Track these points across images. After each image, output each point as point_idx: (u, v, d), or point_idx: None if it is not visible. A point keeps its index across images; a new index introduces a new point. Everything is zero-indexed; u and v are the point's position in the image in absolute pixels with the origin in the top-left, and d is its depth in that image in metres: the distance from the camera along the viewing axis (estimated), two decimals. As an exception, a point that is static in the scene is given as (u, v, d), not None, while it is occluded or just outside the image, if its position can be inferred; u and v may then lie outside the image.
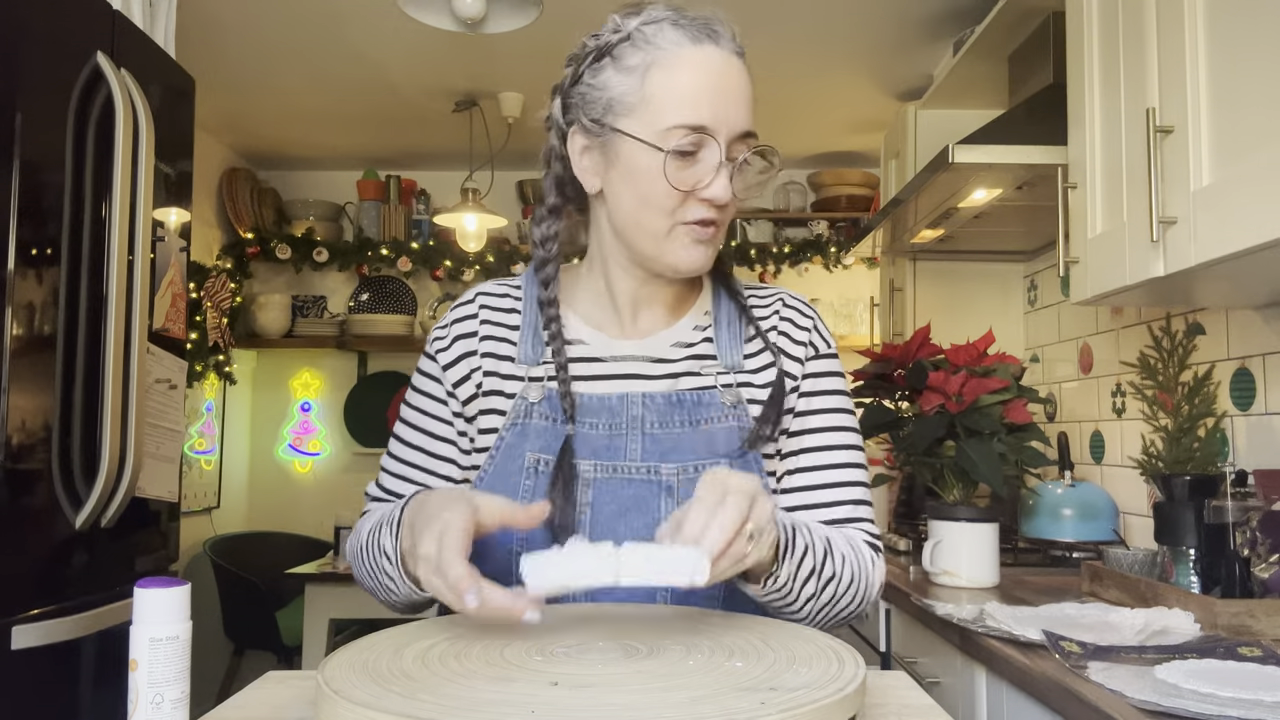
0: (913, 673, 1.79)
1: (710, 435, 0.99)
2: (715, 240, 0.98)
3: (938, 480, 1.93)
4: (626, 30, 0.96)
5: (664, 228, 0.96)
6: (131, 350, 1.91)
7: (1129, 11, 1.59)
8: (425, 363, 1.08)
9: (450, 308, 1.09)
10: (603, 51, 0.97)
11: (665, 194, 0.94)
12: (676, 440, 0.98)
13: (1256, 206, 1.23)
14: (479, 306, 1.07)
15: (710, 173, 0.94)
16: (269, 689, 0.83)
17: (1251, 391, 1.85)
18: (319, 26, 3.01)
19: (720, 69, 0.95)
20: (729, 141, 0.94)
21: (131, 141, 1.91)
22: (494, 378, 1.03)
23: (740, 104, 0.95)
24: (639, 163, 0.94)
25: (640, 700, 0.64)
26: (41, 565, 1.76)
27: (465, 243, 3.96)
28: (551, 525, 0.93)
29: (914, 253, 3.10)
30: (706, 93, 0.93)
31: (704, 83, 0.94)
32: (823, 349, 1.07)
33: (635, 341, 1.04)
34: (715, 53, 0.95)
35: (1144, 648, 1.26)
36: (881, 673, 0.88)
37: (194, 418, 3.95)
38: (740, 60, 0.97)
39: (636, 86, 0.94)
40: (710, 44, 0.95)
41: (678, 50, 0.94)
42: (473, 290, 1.09)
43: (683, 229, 0.96)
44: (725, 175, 0.94)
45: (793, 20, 2.93)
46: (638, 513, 0.95)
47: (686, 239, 0.96)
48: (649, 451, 0.98)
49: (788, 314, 1.07)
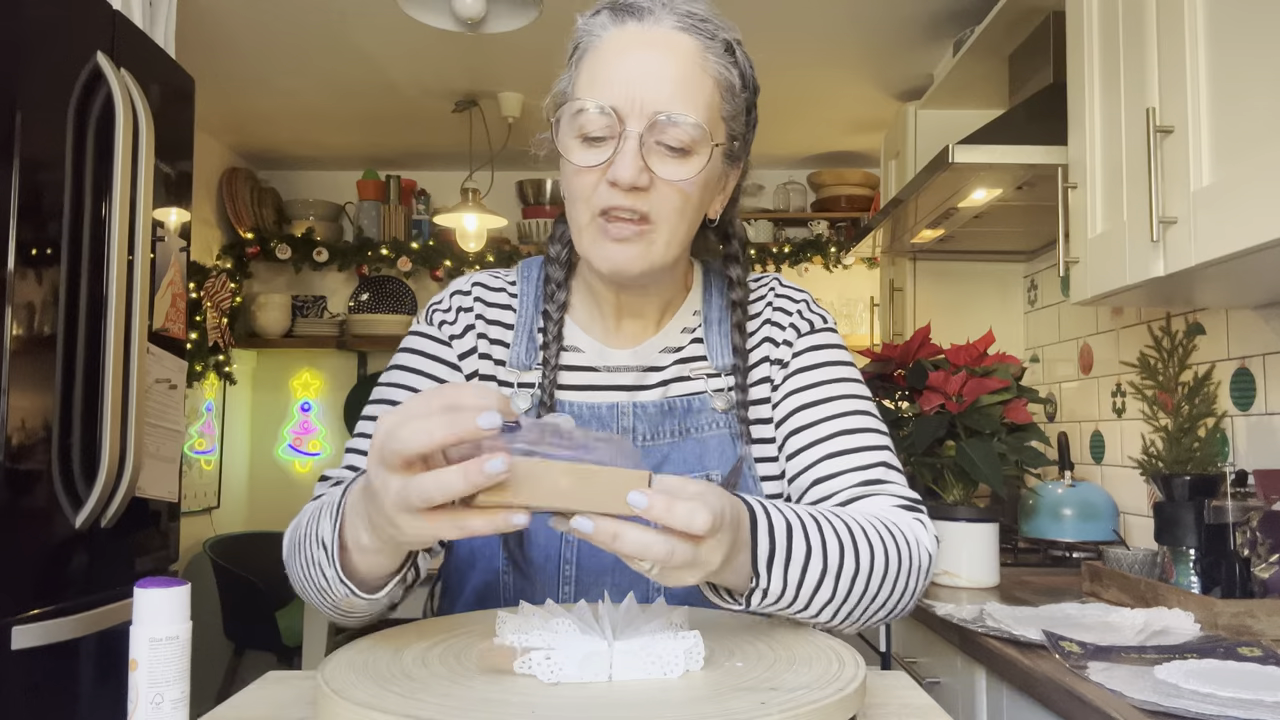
0: (913, 673, 1.79)
1: (702, 445, 0.96)
2: (646, 240, 0.89)
3: (938, 480, 1.93)
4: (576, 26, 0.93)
5: (584, 219, 0.90)
6: (131, 350, 1.91)
7: (1129, 11, 1.59)
8: (419, 338, 1.01)
9: (448, 290, 1.04)
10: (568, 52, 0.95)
11: (574, 176, 0.89)
12: (667, 453, 0.96)
13: (1256, 206, 1.22)
14: (474, 299, 1.02)
15: (618, 154, 0.86)
16: (269, 689, 0.83)
17: (1251, 391, 1.85)
18: (319, 26, 3.01)
19: (640, 45, 0.88)
20: (646, 121, 0.86)
21: (131, 141, 1.91)
22: (490, 382, 0.99)
23: (659, 80, 0.86)
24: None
25: (640, 700, 0.64)
26: (41, 565, 1.76)
27: (465, 243, 3.95)
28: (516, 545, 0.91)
29: (914, 253, 3.10)
30: (618, 71, 0.87)
31: (615, 61, 0.88)
32: (812, 326, 1.02)
33: (629, 351, 1.00)
34: (637, 29, 0.88)
35: (1144, 648, 1.26)
36: (881, 673, 0.87)
37: (194, 418, 3.95)
38: (685, 36, 0.88)
39: (572, 78, 0.91)
40: (633, 21, 0.89)
41: (602, 33, 0.90)
42: (468, 279, 1.04)
43: (596, 224, 0.89)
44: (629, 153, 0.85)
45: (793, 20, 2.93)
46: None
47: (599, 235, 0.89)
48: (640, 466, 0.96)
49: (779, 302, 1.03)
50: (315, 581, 0.80)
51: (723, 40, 0.91)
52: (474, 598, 0.97)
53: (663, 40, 0.88)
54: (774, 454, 0.99)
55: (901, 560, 0.85)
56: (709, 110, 0.89)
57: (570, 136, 0.89)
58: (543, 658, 0.67)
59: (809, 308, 1.03)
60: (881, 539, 0.84)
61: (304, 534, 0.82)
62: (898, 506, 0.92)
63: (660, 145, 0.87)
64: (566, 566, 0.94)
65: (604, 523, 0.65)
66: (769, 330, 1.02)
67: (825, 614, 0.82)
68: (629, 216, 0.88)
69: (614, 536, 0.65)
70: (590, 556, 0.94)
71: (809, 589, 0.79)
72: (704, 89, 0.88)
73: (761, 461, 0.99)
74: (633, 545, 0.65)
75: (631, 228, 0.88)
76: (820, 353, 1.01)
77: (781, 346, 1.01)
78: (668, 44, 0.88)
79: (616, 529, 0.65)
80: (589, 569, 0.94)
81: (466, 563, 0.98)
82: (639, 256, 0.89)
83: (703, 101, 0.88)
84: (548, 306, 1.00)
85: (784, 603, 0.79)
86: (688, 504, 0.65)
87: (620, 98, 0.86)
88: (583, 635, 0.70)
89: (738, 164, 0.98)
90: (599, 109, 0.86)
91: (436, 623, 0.85)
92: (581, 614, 0.73)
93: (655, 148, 0.87)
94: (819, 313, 1.04)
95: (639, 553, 0.65)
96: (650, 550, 0.65)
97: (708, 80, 0.89)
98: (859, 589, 0.82)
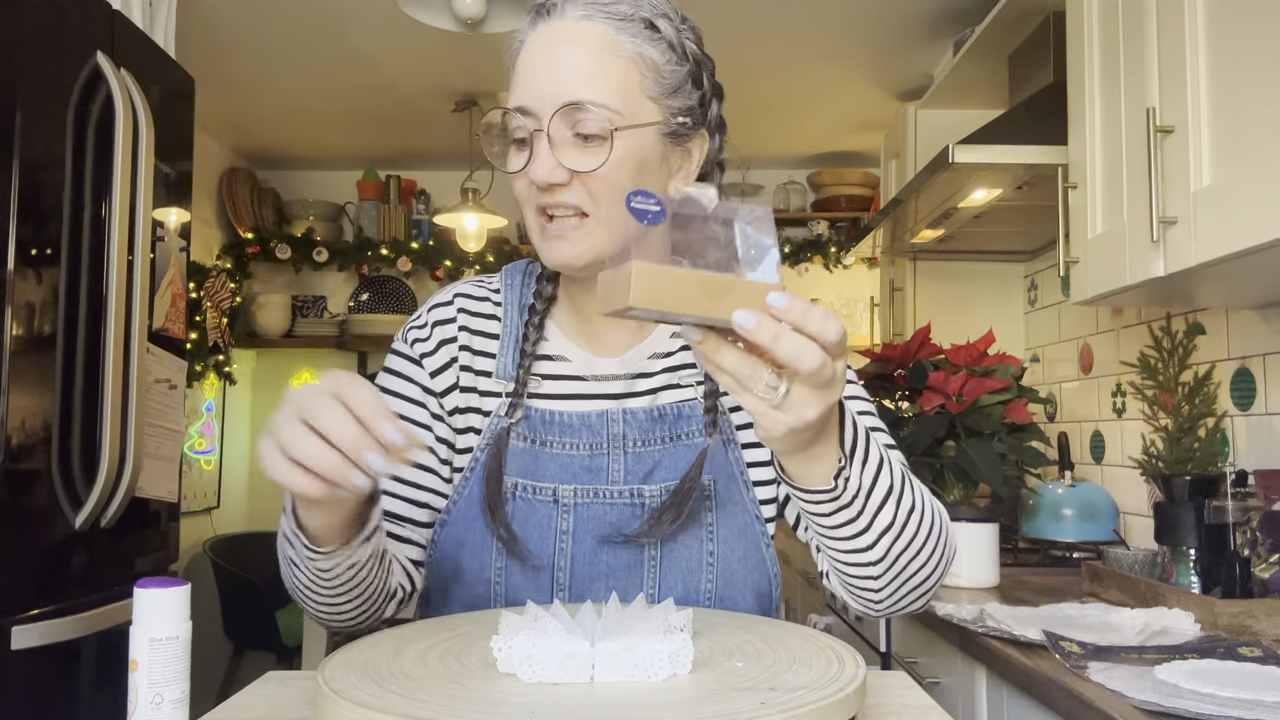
0: (913, 673, 1.79)
1: (692, 452, 0.95)
2: (583, 231, 0.89)
3: (938, 480, 1.93)
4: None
5: (530, 220, 0.91)
6: (131, 350, 1.91)
7: (1129, 11, 1.59)
8: (395, 357, 1.00)
9: (426, 304, 1.03)
10: None
11: (513, 182, 0.91)
12: (658, 459, 0.95)
13: (1256, 206, 1.22)
14: (457, 310, 1.00)
15: (533, 155, 0.87)
16: (269, 689, 0.83)
17: (1251, 391, 1.85)
18: (319, 26, 3.01)
19: (546, 42, 0.89)
20: (556, 115, 0.86)
21: (131, 141, 1.91)
22: (471, 394, 0.97)
23: (563, 72, 0.87)
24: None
25: (639, 700, 0.64)
26: (41, 565, 1.76)
27: (465, 243, 3.96)
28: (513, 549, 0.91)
29: (914, 253, 3.10)
30: (528, 72, 0.89)
31: (526, 63, 0.90)
32: None
33: (616, 360, 0.99)
34: (546, 27, 0.90)
35: (1144, 648, 1.26)
36: (881, 673, 0.87)
37: (194, 418, 3.95)
38: (589, 24, 0.88)
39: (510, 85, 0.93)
40: (544, 20, 0.90)
41: (523, 40, 0.91)
42: (449, 290, 1.03)
43: (539, 224, 0.90)
44: (542, 152, 0.86)
45: (793, 20, 2.93)
46: (620, 542, 0.92)
47: (542, 234, 0.90)
48: (631, 472, 0.94)
49: None
50: (285, 554, 0.83)
51: (641, 19, 0.90)
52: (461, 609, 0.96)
53: (567, 32, 0.88)
54: (767, 458, 0.98)
55: (944, 526, 0.84)
56: (624, 93, 0.88)
57: (505, 144, 0.91)
58: (524, 657, 0.67)
59: None
60: (925, 497, 0.83)
61: (280, 543, 0.85)
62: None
63: (575, 136, 0.87)
64: (560, 574, 0.93)
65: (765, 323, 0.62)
66: None
67: (881, 546, 0.79)
68: (565, 213, 0.89)
69: (775, 337, 0.62)
70: (584, 564, 0.93)
71: (876, 502, 0.76)
72: (614, 71, 0.87)
73: (754, 466, 0.98)
74: (789, 349, 0.62)
75: (569, 223, 0.89)
76: None
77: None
78: (572, 35, 0.88)
79: (777, 330, 0.62)
80: (582, 576, 0.93)
81: (452, 577, 0.96)
82: (582, 251, 0.89)
83: (614, 85, 0.87)
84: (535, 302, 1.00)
85: (855, 508, 0.76)
86: (820, 312, 0.64)
87: (529, 97, 0.88)
88: (567, 636, 0.70)
89: (688, 140, 0.94)
90: (515, 111, 0.88)
91: (436, 623, 0.85)
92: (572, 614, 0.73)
93: (570, 140, 0.87)
94: None
95: (793, 356, 0.62)
96: (804, 354, 0.62)
97: (618, 62, 0.88)
98: (912, 529, 0.79)
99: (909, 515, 0.79)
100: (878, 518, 0.77)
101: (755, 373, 0.64)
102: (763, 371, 0.65)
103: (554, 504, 0.93)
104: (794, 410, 0.66)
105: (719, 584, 0.94)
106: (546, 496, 0.94)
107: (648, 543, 0.93)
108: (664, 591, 0.93)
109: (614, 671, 0.68)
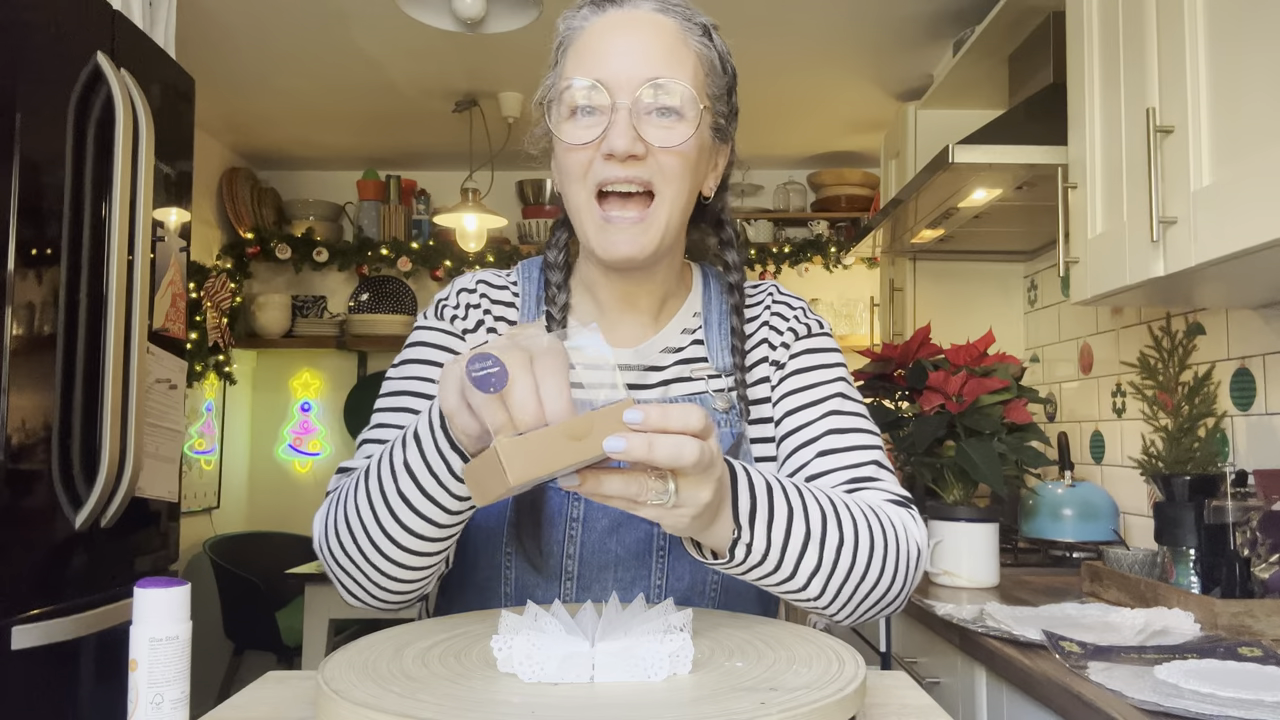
0: (913, 673, 1.79)
1: None
2: (645, 226, 0.90)
3: (938, 480, 1.93)
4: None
5: (580, 198, 0.90)
6: (131, 350, 1.91)
7: (1129, 11, 1.59)
8: (431, 331, 1.00)
9: (451, 287, 1.03)
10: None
11: (566, 154, 0.90)
12: None
13: (1256, 206, 1.23)
14: (480, 296, 1.02)
15: (611, 126, 0.87)
16: (269, 689, 0.83)
17: (1251, 391, 1.85)
18: (319, 26, 3.01)
19: (622, 25, 0.90)
20: (635, 92, 0.87)
21: (131, 141, 1.91)
22: None
23: (645, 53, 0.88)
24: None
25: (641, 700, 0.64)
26: (41, 565, 1.76)
27: (465, 243, 3.96)
28: (526, 551, 0.92)
29: (914, 253, 3.10)
30: (605, 50, 0.89)
31: (600, 43, 0.90)
32: (809, 330, 1.03)
33: (630, 350, 1.00)
34: (618, 13, 0.91)
35: (1144, 648, 1.26)
36: (881, 673, 0.87)
37: (194, 418, 3.95)
38: (665, 16, 0.91)
39: (559, 71, 0.93)
40: (614, 8, 0.92)
41: (584, 24, 0.93)
42: (471, 278, 1.04)
43: (594, 212, 0.90)
44: (620, 122, 0.87)
45: (793, 20, 2.93)
46: (630, 528, 0.93)
47: (599, 230, 0.90)
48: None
49: (777, 307, 1.04)
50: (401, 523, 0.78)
51: (699, 24, 0.94)
52: (474, 594, 0.97)
53: (645, 20, 0.91)
54: (773, 453, 1.00)
55: (888, 543, 0.84)
56: (695, 81, 0.91)
57: (562, 118, 0.91)
58: (524, 657, 0.67)
59: (806, 313, 1.05)
60: (866, 518, 0.84)
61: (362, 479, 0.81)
62: (888, 501, 0.92)
63: (652, 113, 0.88)
64: (569, 562, 0.94)
65: (634, 439, 0.64)
66: (767, 333, 1.03)
67: (814, 586, 0.81)
68: (628, 190, 0.89)
69: (649, 447, 0.64)
70: (593, 552, 0.94)
71: (794, 553, 0.78)
72: (688, 62, 0.91)
73: (761, 461, 1.00)
74: (665, 453, 0.64)
75: (631, 215, 0.90)
76: (816, 355, 1.02)
77: (779, 349, 1.02)
78: (651, 23, 0.91)
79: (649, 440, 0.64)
80: (590, 564, 0.94)
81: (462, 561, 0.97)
82: (644, 245, 0.90)
83: (689, 72, 0.90)
84: (550, 308, 1.00)
85: (769, 564, 0.78)
86: (676, 408, 0.66)
87: (608, 72, 0.88)
88: (567, 636, 0.70)
89: (726, 143, 0.99)
90: (588, 85, 0.88)
91: (436, 623, 0.85)
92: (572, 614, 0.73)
93: (646, 117, 0.88)
94: (815, 318, 1.05)
95: (673, 458, 0.64)
96: (682, 451, 0.65)
97: (690, 55, 0.92)
98: (845, 562, 0.81)
99: (838, 552, 0.80)
100: (801, 564, 0.79)
101: (642, 488, 0.67)
102: (648, 482, 0.67)
103: (565, 491, 0.93)
104: (689, 501, 0.69)
105: (725, 574, 0.95)
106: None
107: (659, 529, 0.93)
108: (672, 581, 0.94)
109: (614, 671, 0.68)
